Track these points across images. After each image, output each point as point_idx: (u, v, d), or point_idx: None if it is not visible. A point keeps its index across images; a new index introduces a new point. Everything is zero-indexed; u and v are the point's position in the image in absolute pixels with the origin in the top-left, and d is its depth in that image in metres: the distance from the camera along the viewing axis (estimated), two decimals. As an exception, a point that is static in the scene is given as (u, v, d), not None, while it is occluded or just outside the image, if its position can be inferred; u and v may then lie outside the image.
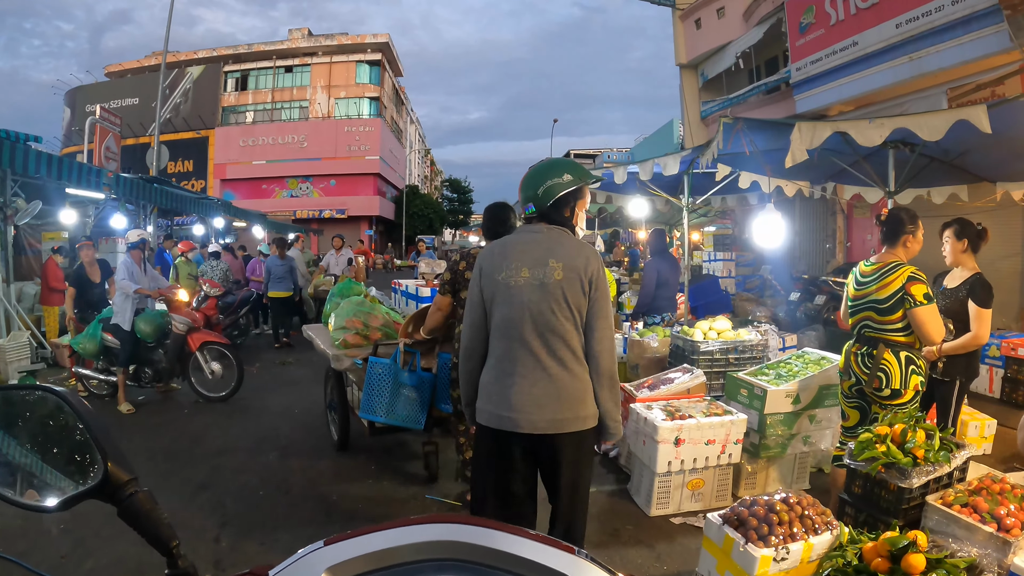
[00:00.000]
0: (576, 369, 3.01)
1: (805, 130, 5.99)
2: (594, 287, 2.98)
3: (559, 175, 3.04)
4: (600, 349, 3.01)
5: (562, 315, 2.96)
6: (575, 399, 2.99)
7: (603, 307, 3.01)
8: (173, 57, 50.23)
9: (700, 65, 22.04)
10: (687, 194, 9.30)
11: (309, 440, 6.80)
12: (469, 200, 70.75)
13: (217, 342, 8.40)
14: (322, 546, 1.01)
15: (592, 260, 3.00)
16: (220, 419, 7.56)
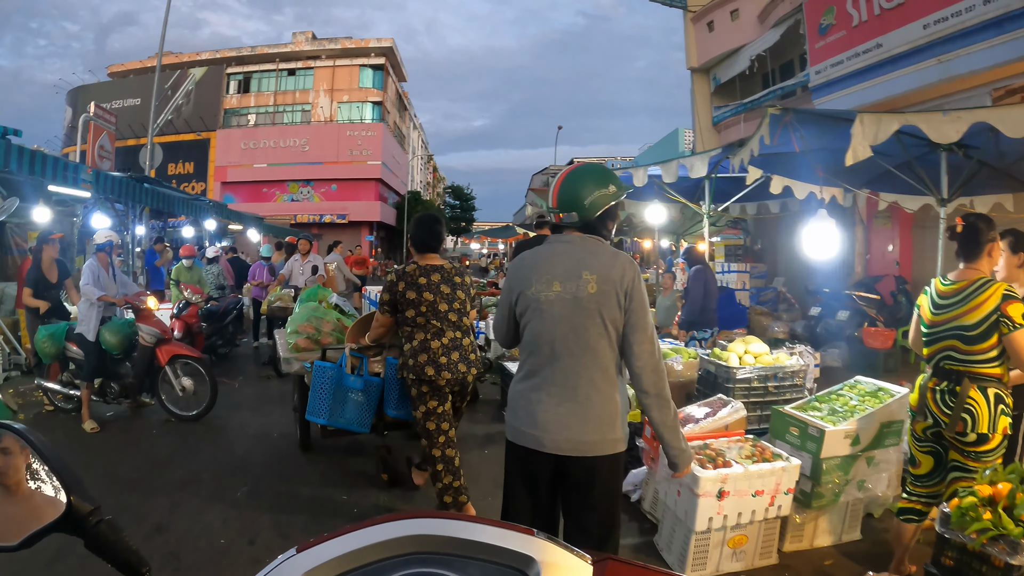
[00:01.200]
0: (606, 390, 2.86)
1: (868, 123, 5.20)
2: (630, 299, 2.82)
3: (606, 186, 2.92)
4: (641, 366, 2.81)
5: (596, 331, 2.83)
6: (603, 421, 2.85)
7: (641, 320, 2.83)
8: (176, 58, 50.15)
9: (712, 69, 21.40)
10: (708, 200, 8.56)
11: (285, 471, 6.05)
12: (471, 207, 70.15)
13: (189, 356, 7.63)
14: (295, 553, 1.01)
15: (628, 270, 2.85)
16: (189, 442, 6.81)
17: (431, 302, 4.74)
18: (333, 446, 6.63)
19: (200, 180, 47.31)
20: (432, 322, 4.77)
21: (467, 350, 4.90)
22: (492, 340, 11.32)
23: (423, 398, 4.81)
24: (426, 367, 4.70)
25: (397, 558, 1.07)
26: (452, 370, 4.75)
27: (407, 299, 4.74)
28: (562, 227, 3.00)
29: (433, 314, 4.76)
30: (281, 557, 1.01)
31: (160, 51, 20.57)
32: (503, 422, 7.11)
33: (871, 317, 12.05)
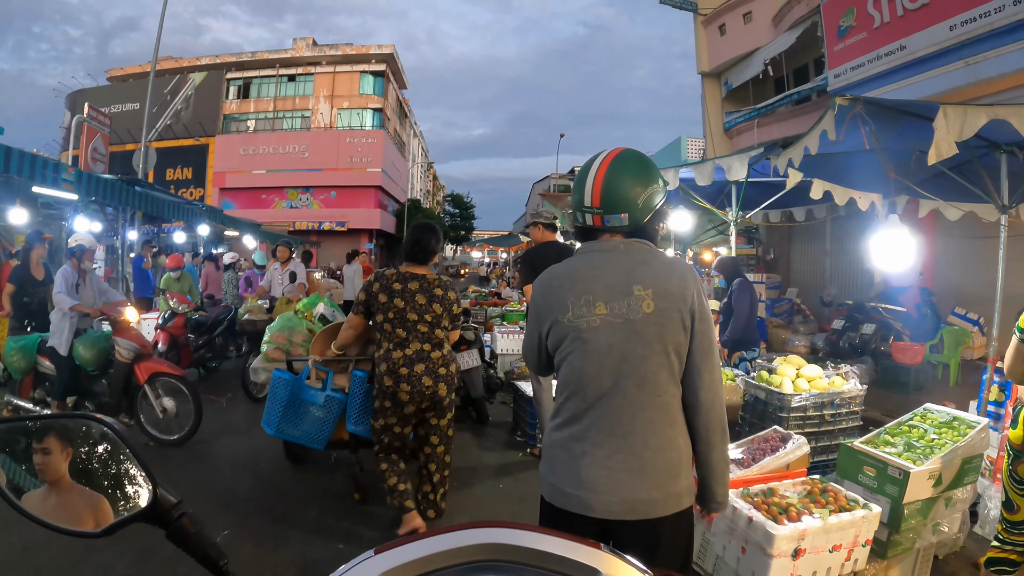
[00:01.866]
0: (668, 433, 2.28)
1: (953, 116, 4.54)
2: (697, 318, 2.26)
3: (657, 180, 2.39)
4: (710, 399, 2.29)
5: (656, 362, 2.24)
6: (666, 473, 2.26)
7: (709, 343, 2.30)
8: (176, 63, 49.89)
9: (724, 74, 20.81)
10: (736, 206, 7.89)
11: (274, 507, 5.34)
12: (471, 216, 69.97)
13: (170, 373, 6.89)
14: (372, 555, 1.03)
15: (690, 281, 2.29)
16: (168, 472, 6.02)
17: (400, 309, 4.55)
18: (325, 467, 6.27)
19: (199, 186, 46.97)
20: (397, 331, 4.57)
21: (435, 364, 4.60)
22: (500, 355, 10.72)
23: (384, 412, 4.62)
24: (385, 377, 4.52)
25: (469, 564, 1.07)
26: (413, 383, 4.50)
27: (379, 302, 4.56)
28: (597, 231, 2.40)
29: (400, 322, 4.56)
30: (360, 557, 1.01)
31: (155, 53, 19.91)
32: (516, 448, 6.52)
33: (897, 331, 11.49)
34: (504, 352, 10.80)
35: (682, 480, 2.27)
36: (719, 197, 9.15)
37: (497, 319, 13.67)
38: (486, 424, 7.84)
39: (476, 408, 7.89)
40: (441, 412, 4.76)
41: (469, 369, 7.68)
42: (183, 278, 10.92)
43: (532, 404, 6.72)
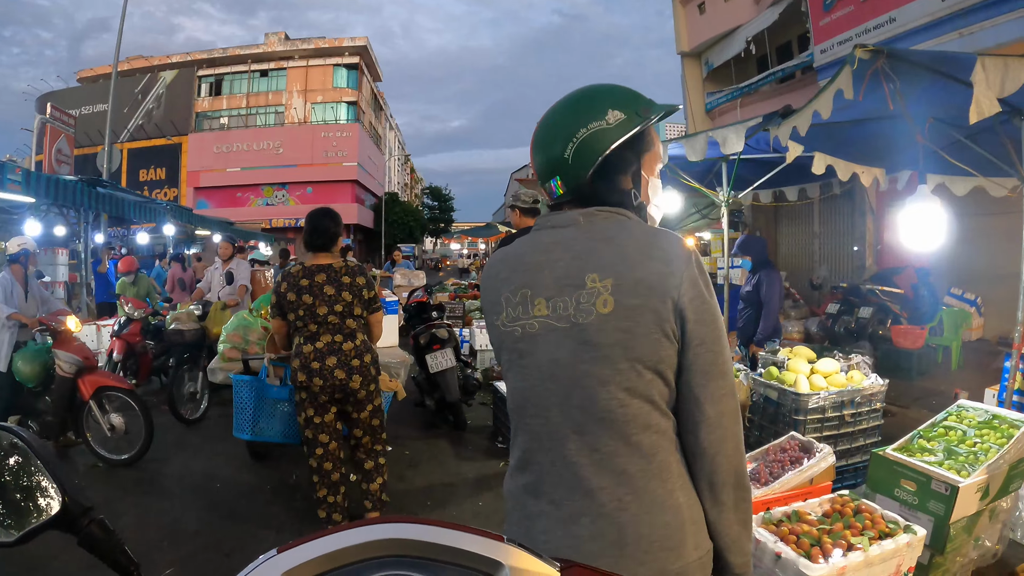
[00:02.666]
0: (656, 488, 1.53)
1: (993, 69, 3.94)
2: (691, 320, 1.51)
3: (599, 115, 1.61)
4: (715, 442, 1.53)
5: (619, 384, 1.51)
6: (659, 544, 1.51)
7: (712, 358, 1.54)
8: (146, 62, 49.25)
9: (704, 53, 20.27)
10: (727, 185, 7.34)
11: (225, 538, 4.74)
12: (450, 208, 69.59)
13: (117, 387, 6.27)
14: (276, 554, 0.94)
15: (678, 265, 1.53)
16: (113, 497, 5.45)
17: (309, 304, 4.45)
18: (283, 488, 5.72)
19: (172, 186, 46.29)
20: (309, 325, 4.49)
21: (348, 356, 4.52)
22: (480, 352, 10.20)
23: (302, 405, 4.57)
24: (299, 372, 4.48)
25: (374, 560, 0.99)
26: (325, 376, 4.45)
27: (288, 301, 4.47)
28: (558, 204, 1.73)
29: (310, 317, 4.47)
30: (262, 557, 0.91)
31: (117, 50, 19.09)
32: (497, 457, 5.94)
33: (895, 314, 11.06)
34: (483, 348, 10.26)
35: (687, 552, 1.54)
36: (707, 177, 8.61)
37: (476, 312, 13.19)
38: (464, 430, 7.28)
39: (453, 413, 7.34)
40: (359, 405, 4.66)
41: (443, 371, 7.15)
42: (139, 281, 10.24)
43: (514, 407, 6.16)
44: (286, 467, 6.10)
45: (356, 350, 4.56)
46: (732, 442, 1.54)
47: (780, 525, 3.16)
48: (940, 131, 5.50)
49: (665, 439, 1.55)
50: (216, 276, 9.32)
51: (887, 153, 6.85)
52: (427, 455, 6.54)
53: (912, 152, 6.31)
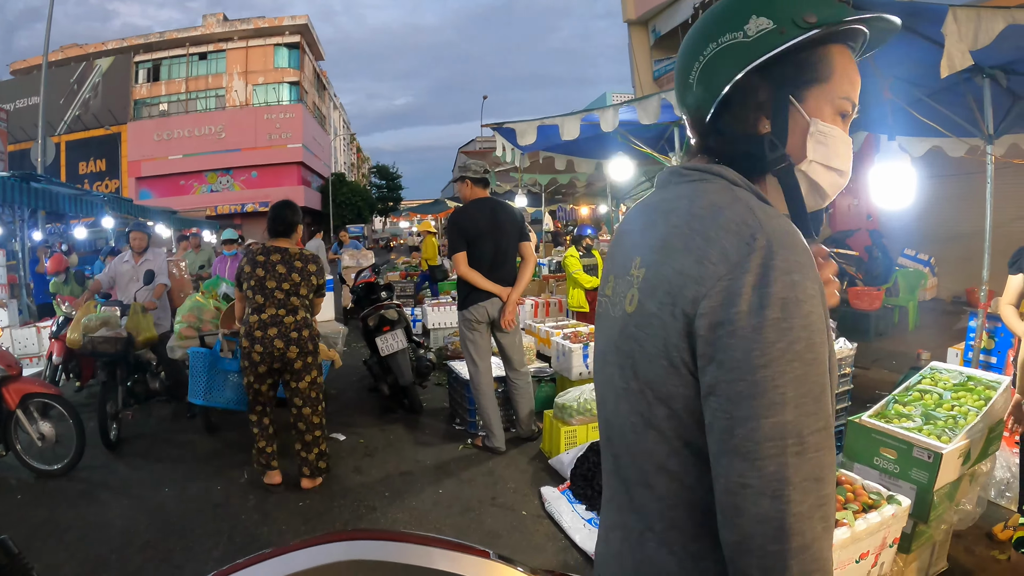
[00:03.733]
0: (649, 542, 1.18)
1: (965, 20, 3.81)
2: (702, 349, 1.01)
3: (737, 23, 1.12)
4: (729, 541, 1.01)
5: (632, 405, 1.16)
6: None
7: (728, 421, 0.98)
8: (81, 50, 47.90)
9: (651, 21, 20.11)
10: (680, 150, 7.18)
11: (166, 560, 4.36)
12: (398, 186, 69.07)
13: (45, 393, 5.88)
14: None
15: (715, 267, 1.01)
16: (57, 510, 5.09)
17: (260, 278, 5.01)
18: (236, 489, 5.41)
19: (114, 177, 45.30)
20: (256, 297, 5.03)
21: (288, 328, 5.05)
22: (433, 331, 9.98)
23: (246, 370, 5.11)
24: (244, 339, 5.06)
25: None
26: (265, 344, 4.97)
27: (244, 273, 5.08)
28: None
29: (259, 290, 5.02)
30: None
31: (47, 33, 18.36)
32: (456, 440, 5.69)
33: (851, 276, 11.08)
34: (436, 326, 10.04)
35: None
36: (659, 142, 8.45)
37: (427, 290, 12.99)
38: (420, 413, 7.07)
39: (407, 396, 7.11)
40: (296, 374, 5.14)
41: (395, 353, 6.91)
42: (72, 279, 9.77)
43: (470, 388, 5.99)
44: (236, 468, 5.82)
45: (296, 324, 5.08)
46: (756, 560, 0.98)
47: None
48: (900, 89, 5.38)
49: (686, 492, 1.13)
50: (125, 269, 7.69)
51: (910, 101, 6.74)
52: (383, 443, 6.32)
53: (871, 111, 6.18)
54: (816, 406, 0.98)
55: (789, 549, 0.95)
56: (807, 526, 0.96)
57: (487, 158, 14.42)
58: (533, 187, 15.82)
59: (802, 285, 0.98)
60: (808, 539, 0.96)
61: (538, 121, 6.87)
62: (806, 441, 0.96)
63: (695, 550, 1.12)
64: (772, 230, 1.02)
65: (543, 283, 12.70)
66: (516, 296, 5.75)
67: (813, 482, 0.97)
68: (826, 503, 0.99)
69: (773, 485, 0.95)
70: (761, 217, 1.04)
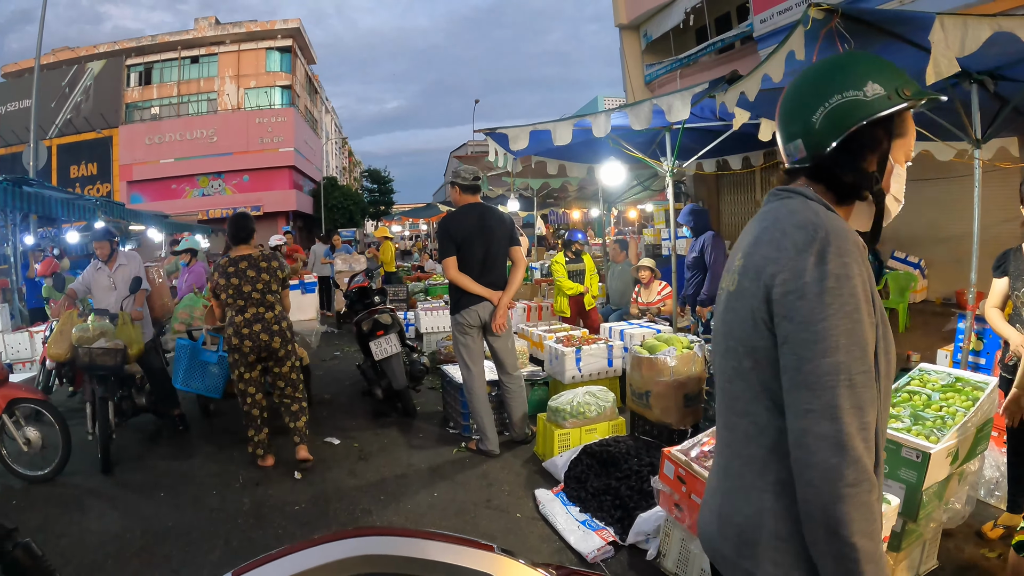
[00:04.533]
0: (749, 479, 1.56)
1: (952, 28, 3.90)
2: (778, 310, 1.44)
3: (858, 84, 1.52)
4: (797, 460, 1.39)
5: (728, 360, 1.62)
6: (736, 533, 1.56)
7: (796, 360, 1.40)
8: (72, 53, 47.68)
9: (643, 25, 20.11)
10: (672, 155, 7.19)
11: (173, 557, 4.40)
12: (390, 190, 68.72)
13: (30, 398, 5.88)
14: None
15: (786, 252, 1.45)
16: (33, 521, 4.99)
17: (236, 285, 5.74)
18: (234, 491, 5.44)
19: (105, 181, 44.83)
20: (237, 301, 5.75)
21: (269, 323, 5.79)
22: (426, 335, 10.00)
23: (236, 364, 5.84)
24: (232, 337, 5.75)
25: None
26: (252, 339, 5.72)
27: (220, 285, 5.76)
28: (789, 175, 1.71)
29: (238, 295, 5.74)
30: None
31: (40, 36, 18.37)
32: (450, 443, 5.99)
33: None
34: (429, 331, 10.05)
35: (763, 564, 1.50)
36: (651, 147, 8.48)
37: (420, 295, 12.98)
38: (414, 417, 7.12)
39: (401, 400, 7.15)
40: (279, 361, 5.92)
41: (388, 357, 6.96)
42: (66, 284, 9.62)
43: (463, 392, 6.04)
44: (231, 472, 5.86)
45: (275, 318, 5.84)
46: (818, 472, 1.34)
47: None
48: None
49: (763, 435, 1.52)
50: (101, 278, 7.14)
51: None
52: (377, 447, 6.36)
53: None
54: (862, 353, 1.35)
55: (844, 460, 1.31)
56: (855, 443, 1.32)
57: (480, 162, 14.45)
58: (525, 191, 15.83)
59: (850, 265, 1.37)
60: (857, 453, 1.32)
61: (531, 126, 6.92)
62: (854, 378, 1.34)
63: (783, 489, 1.47)
64: (830, 227, 1.42)
65: (535, 287, 12.74)
66: (507, 300, 5.81)
67: (858, 410, 1.33)
68: (867, 428, 1.35)
69: (830, 410, 1.33)
70: (823, 218, 1.45)
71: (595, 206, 16.14)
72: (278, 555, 0.98)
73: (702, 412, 5.32)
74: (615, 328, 7.67)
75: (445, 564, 1.03)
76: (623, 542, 4.13)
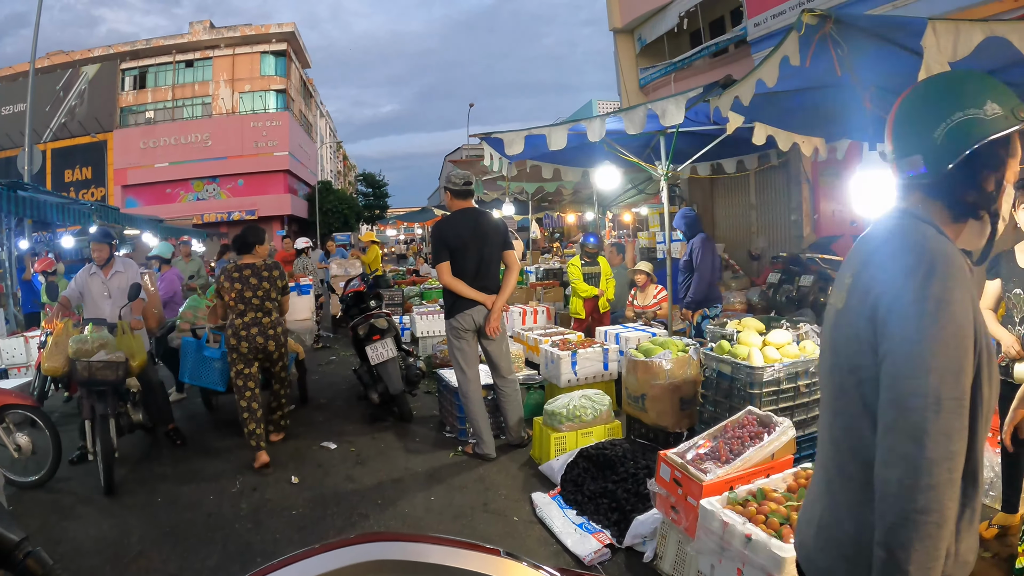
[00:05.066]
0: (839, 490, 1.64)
1: (944, 33, 3.90)
2: (882, 329, 1.47)
3: (978, 103, 1.53)
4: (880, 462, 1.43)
5: (833, 377, 1.66)
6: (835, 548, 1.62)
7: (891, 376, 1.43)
8: (67, 57, 47.55)
9: (637, 29, 20.10)
10: (667, 159, 7.21)
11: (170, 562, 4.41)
12: (384, 194, 68.53)
13: (20, 404, 5.86)
14: None
15: (894, 271, 1.51)
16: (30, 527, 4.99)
17: (239, 291, 6.19)
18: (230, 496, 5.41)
19: (99, 185, 44.87)
20: (238, 305, 6.20)
21: (265, 327, 6.27)
22: (421, 339, 10.00)
23: (235, 362, 6.25)
24: (231, 338, 6.21)
25: None
26: (250, 341, 6.18)
27: (224, 288, 6.21)
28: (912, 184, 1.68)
29: (239, 299, 6.19)
30: None
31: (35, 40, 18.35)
32: (446, 447, 5.96)
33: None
34: (425, 335, 10.05)
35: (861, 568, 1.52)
36: (645, 151, 8.51)
37: (416, 299, 12.97)
38: (410, 421, 7.14)
39: (397, 404, 7.17)
40: (274, 362, 6.49)
41: (385, 362, 6.98)
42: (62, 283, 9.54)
43: (459, 396, 6.05)
44: (228, 477, 5.89)
45: (271, 323, 6.32)
46: (892, 490, 1.37)
47: (747, 505, 3.08)
48: (881, 99, 5.45)
49: (868, 451, 1.50)
50: (95, 284, 6.82)
51: (827, 122, 6.81)
52: (374, 451, 6.37)
53: (853, 120, 6.27)
54: (954, 379, 1.36)
55: (919, 484, 1.31)
56: (936, 470, 1.31)
57: (475, 166, 14.44)
58: (520, 195, 15.81)
59: (953, 291, 1.39)
60: (934, 481, 1.31)
61: (525, 131, 6.92)
62: (943, 403, 1.33)
63: (862, 499, 1.52)
64: (937, 251, 1.46)
65: (530, 291, 12.74)
66: (501, 303, 5.84)
67: (944, 437, 1.33)
68: (953, 458, 1.33)
69: (915, 431, 1.34)
70: (932, 242, 1.49)
71: (590, 210, 16.15)
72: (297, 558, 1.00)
73: (697, 415, 5.32)
74: (610, 332, 7.69)
75: (454, 568, 1.05)
76: (620, 545, 4.14)
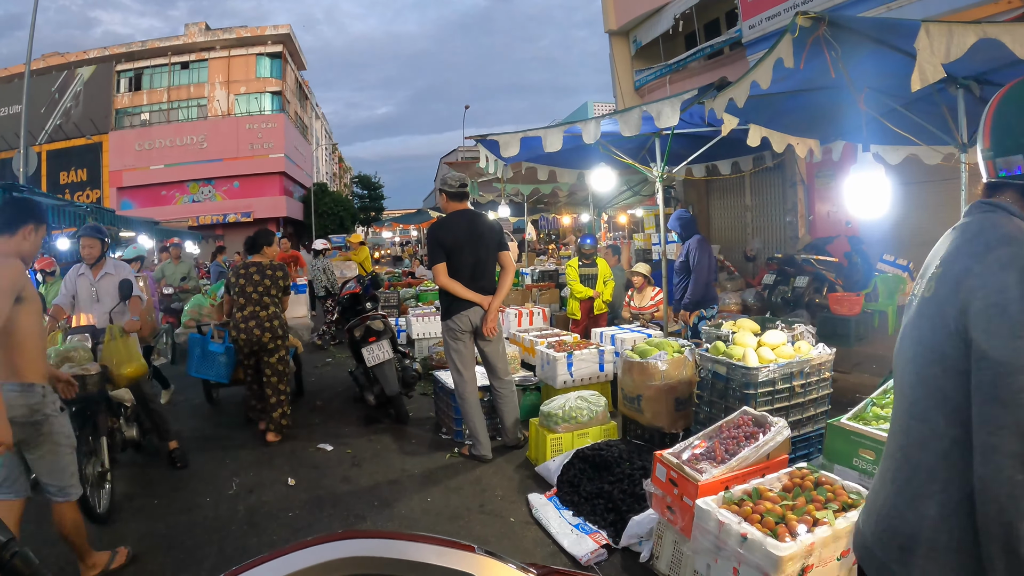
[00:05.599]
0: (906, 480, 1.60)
1: (937, 35, 3.90)
2: (975, 324, 1.43)
3: None
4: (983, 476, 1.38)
5: (915, 365, 1.62)
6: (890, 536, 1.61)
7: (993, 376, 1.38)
8: (62, 59, 47.34)
9: (632, 31, 20.11)
10: (662, 160, 7.23)
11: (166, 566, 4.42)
12: (380, 196, 68.46)
13: None
14: None
15: (987, 266, 1.45)
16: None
17: (241, 286, 6.80)
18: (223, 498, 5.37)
19: (95, 187, 44.65)
20: (239, 300, 6.80)
21: (263, 320, 6.76)
22: (417, 340, 9.99)
23: (239, 352, 7.05)
24: (231, 331, 6.90)
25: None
26: (247, 332, 6.71)
27: (231, 283, 6.91)
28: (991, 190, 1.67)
29: (241, 294, 6.79)
30: None
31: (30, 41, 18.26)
32: (443, 449, 6.00)
33: (831, 282, 11.21)
34: (421, 336, 10.04)
35: (912, 569, 1.55)
36: (640, 153, 8.51)
37: (411, 300, 12.95)
38: (406, 423, 7.14)
39: (393, 406, 7.17)
40: (268, 352, 6.85)
41: (381, 364, 6.98)
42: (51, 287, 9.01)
43: (455, 397, 6.06)
44: (224, 479, 5.89)
45: (268, 316, 6.79)
46: (1004, 490, 1.33)
47: (742, 504, 3.09)
48: (875, 100, 5.48)
49: (938, 442, 1.52)
50: (83, 285, 6.15)
51: (822, 123, 6.82)
52: (370, 453, 6.38)
53: (848, 122, 6.30)
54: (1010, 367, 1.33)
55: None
56: None
57: (470, 169, 14.45)
58: (516, 197, 15.81)
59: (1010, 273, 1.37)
60: None
61: (521, 133, 6.92)
62: None
63: (950, 499, 1.48)
64: (1000, 243, 1.44)
65: (526, 292, 12.75)
66: (497, 304, 5.84)
67: None
68: None
69: (1023, 428, 1.30)
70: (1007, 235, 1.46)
71: (585, 211, 16.14)
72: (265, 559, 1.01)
73: (693, 416, 5.32)
74: (606, 333, 7.70)
75: (425, 564, 1.06)
76: (616, 545, 4.15)
